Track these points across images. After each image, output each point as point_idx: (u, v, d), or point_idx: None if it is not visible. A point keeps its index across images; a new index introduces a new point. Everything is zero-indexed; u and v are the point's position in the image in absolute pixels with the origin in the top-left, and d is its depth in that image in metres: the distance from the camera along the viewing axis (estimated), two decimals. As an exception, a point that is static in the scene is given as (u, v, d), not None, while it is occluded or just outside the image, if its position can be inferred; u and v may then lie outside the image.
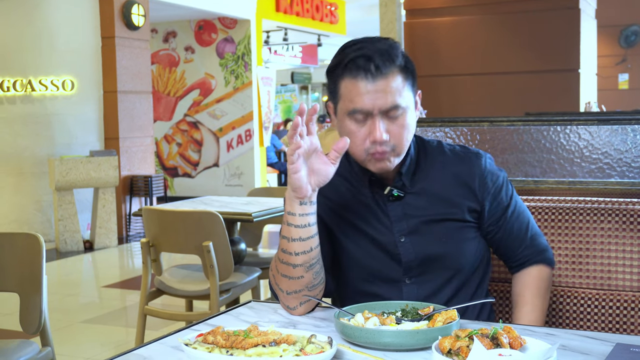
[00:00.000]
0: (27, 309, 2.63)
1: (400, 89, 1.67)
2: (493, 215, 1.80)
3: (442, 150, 1.83)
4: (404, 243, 1.76)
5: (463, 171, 1.78)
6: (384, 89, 1.66)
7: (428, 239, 1.75)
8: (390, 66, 1.67)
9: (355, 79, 1.67)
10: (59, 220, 7.79)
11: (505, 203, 1.81)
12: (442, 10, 7.65)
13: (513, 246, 1.84)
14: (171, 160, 12.58)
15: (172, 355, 1.43)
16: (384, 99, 1.66)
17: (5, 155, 8.18)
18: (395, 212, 1.77)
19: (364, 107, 1.66)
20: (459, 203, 1.76)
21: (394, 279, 1.77)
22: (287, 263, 1.66)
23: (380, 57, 1.66)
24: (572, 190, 3.18)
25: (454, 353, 1.28)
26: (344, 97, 1.70)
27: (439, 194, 1.77)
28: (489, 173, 1.79)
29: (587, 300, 1.97)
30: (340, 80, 1.70)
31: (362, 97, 1.66)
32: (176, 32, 12.44)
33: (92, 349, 4.53)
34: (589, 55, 7.65)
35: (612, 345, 1.40)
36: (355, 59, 1.67)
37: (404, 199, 1.77)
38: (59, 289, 6.21)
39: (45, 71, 8.21)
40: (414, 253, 1.75)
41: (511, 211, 1.82)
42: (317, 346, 1.36)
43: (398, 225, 1.76)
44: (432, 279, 1.77)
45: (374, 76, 1.65)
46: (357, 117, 1.68)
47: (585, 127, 3.22)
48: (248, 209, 3.97)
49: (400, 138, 1.69)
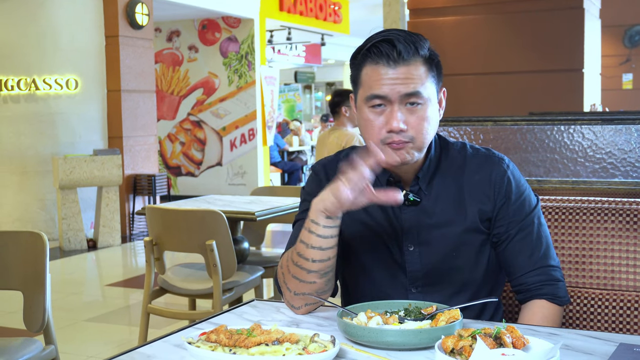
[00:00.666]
0: (30, 307, 2.64)
1: (422, 78, 1.63)
2: (503, 223, 1.71)
3: (465, 153, 1.75)
4: (411, 252, 1.71)
5: (483, 176, 1.71)
6: (405, 75, 1.61)
7: (437, 250, 1.70)
8: (414, 54, 1.62)
9: (377, 64, 1.63)
10: (62, 218, 7.81)
11: (521, 216, 1.71)
12: (445, 10, 7.64)
13: (520, 265, 1.72)
14: (174, 159, 12.59)
15: (175, 354, 1.43)
16: (404, 84, 1.61)
17: (9, 154, 8.20)
18: (408, 218, 1.71)
19: (382, 92, 1.61)
20: (474, 212, 1.70)
21: (399, 287, 1.74)
22: (302, 267, 1.63)
23: (404, 44, 1.62)
24: (575, 190, 3.17)
25: (457, 352, 1.28)
26: (364, 83, 1.66)
27: (454, 201, 1.71)
28: (508, 179, 1.71)
29: (591, 300, 1.97)
30: (362, 66, 1.66)
31: (382, 82, 1.62)
32: (180, 31, 12.45)
33: (95, 347, 4.54)
34: (593, 55, 7.63)
35: (616, 345, 1.40)
36: (378, 43, 1.63)
37: (419, 204, 1.71)
38: (63, 288, 6.22)
39: (49, 70, 8.22)
40: (420, 264, 1.71)
41: (526, 227, 1.71)
42: (320, 345, 1.36)
43: (408, 233, 1.71)
44: (439, 290, 1.72)
45: (396, 61, 1.61)
46: (375, 104, 1.64)
47: (589, 127, 3.21)
48: (251, 208, 3.97)
49: (419, 129, 1.63)
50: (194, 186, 12.35)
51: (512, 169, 1.75)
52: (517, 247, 1.71)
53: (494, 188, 1.71)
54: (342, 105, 5.51)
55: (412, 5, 7.84)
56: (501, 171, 1.72)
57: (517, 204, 1.72)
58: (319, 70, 21.23)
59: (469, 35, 7.43)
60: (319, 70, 21.23)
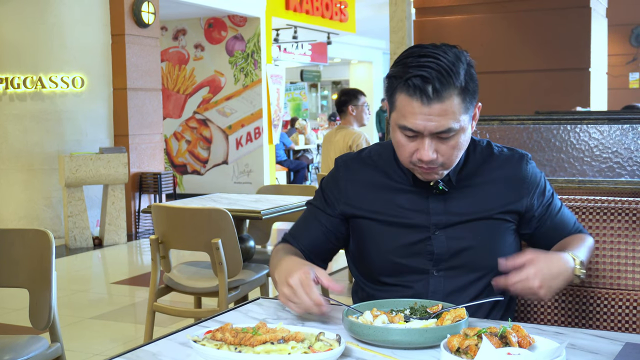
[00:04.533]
0: (36, 305, 2.64)
1: (456, 112, 1.63)
2: (539, 213, 1.81)
3: (491, 151, 1.83)
4: (437, 236, 1.76)
5: (509, 173, 1.80)
6: (438, 113, 1.62)
7: (464, 235, 1.75)
8: (448, 89, 1.61)
9: (411, 98, 1.63)
10: (68, 216, 7.82)
11: (549, 199, 1.83)
12: (452, 9, 7.63)
13: (561, 236, 1.83)
14: (180, 157, 12.60)
15: (180, 352, 1.43)
16: (437, 122, 1.62)
17: (16, 152, 8.22)
18: (436, 206, 1.76)
19: (415, 127, 1.64)
20: (501, 204, 1.77)
21: (422, 270, 1.77)
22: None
23: (439, 80, 1.61)
24: (582, 189, 3.17)
25: (463, 352, 1.28)
26: (398, 109, 1.67)
27: (482, 194, 1.77)
28: (532, 175, 1.81)
29: (597, 300, 1.96)
30: (398, 92, 1.66)
31: (415, 118, 1.63)
32: (186, 29, 12.46)
33: (101, 345, 4.55)
34: (600, 54, 7.61)
35: (622, 344, 1.40)
36: (414, 77, 1.62)
37: (447, 194, 1.77)
38: (69, 285, 6.24)
39: (56, 68, 8.24)
40: (447, 247, 1.75)
41: (555, 205, 1.84)
42: (326, 344, 1.36)
43: (436, 219, 1.76)
44: (460, 275, 1.76)
45: (430, 100, 1.61)
46: (406, 133, 1.67)
47: (596, 126, 3.21)
48: (257, 206, 3.97)
49: (449, 157, 1.69)
50: (200, 184, 12.36)
51: (532, 162, 1.85)
52: (554, 223, 1.83)
53: (522, 184, 1.80)
54: (349, 105, 5.51)
55: (418, 4, 7.83)
56: (526, 168, 1.81)
57: (545, 190, 1.84)
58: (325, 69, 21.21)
59: (475, 34, 7.42)
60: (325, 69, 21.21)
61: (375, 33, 17.94)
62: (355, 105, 5.61)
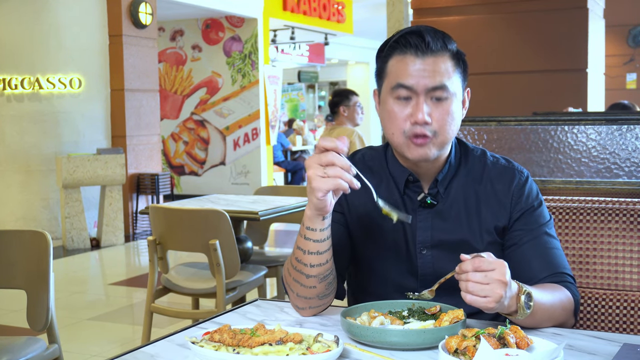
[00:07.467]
0: (34, 306, 2.64)
1: (449, 72, 1.62)
2: (517, 229, 1.69)
3: (485, 161, 1.74)
4: (424, 255, 1.70)
5: (500, 187, 1.71)
6: (432, 67, 1.60)
7: (450, 256, 1.65)
8: (442, 47, 1.61)
9: (405, 54, 1.62)
10: (65, 217, 7.82)
11: (537, 225, 1.69)
12: (449, 10, 7.63)
13: (537, 269, 1.66)
14: (178, 158, 12.60)
15: (178, 353, 1.43)
16: (432, 77, 1.60)
17: (13, 153, 8.21)
18: (422, 219, 1.71)
19: (409, 82, 1.60)
20: (489, 220, 1.68)
21: (409, 289, 1.71)
22: (301, 272, 1.62)
23: (433, 36, 1.61)
24: (579, 190, 3.17)
25: (461, 353, 1.28)
26: (390, 74, 1.65)
27: (470, 208, 1.70)
28: (526, 191, 1.71)
29: (594, 300, 1.97)
30: (389, 58, 1.65)
31: (409, 73, 1.60)
32: (183, 30, 12.46)
33: (98, 347, 4.54)
34: (597, 55, 7.62)
35: (619, 345, 1.40)
36: (407, 34, 1.62)
37: (435, 207, 1.70)
38: (66, 287, 6.23)
39: (53, 69, 8.23)
40: (432, 268, 1.70)
41: (541, 235, 1.69)
42: (324, 345, 1.36)
43: (422, 235, 1.70)
44: (449, 294, 1.66)
45: (424, 52, 1.60)
46: (400, 94, 1.62)
47: (593, 127, 3.21)
48: (254, 207, 3.97)
49: (442, 124, 1.61)
50: (197, 185, 12.36)
51: (531, 182, 1.75)
52: (530, 253, 1.68)
53: (512, 198, 1.70)
54: (341, 105, 5.61)
55: (415, 5, 7.83)
56: (521, 183, 1.72)
57: (534, 215, 1.70)
58: (322, 69, 21.21)
59: (472, 35, 7.42)
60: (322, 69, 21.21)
61: (372, 34, 17.95)
62: (346, 106, 5.66)
